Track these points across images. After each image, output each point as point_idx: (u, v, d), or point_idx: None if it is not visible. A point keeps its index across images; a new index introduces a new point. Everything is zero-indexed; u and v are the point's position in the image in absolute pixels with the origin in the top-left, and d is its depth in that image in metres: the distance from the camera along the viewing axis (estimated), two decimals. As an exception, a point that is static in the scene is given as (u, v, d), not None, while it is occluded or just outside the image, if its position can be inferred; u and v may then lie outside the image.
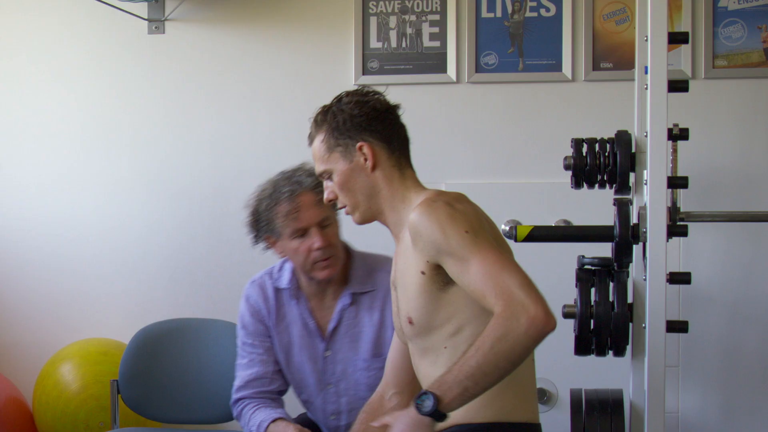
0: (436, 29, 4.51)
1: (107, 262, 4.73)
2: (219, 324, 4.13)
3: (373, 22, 4.55)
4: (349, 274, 3.28)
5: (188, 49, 4.69)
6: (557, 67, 4.44)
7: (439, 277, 2.37)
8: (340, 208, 2.60)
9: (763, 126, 4.37)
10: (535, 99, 4.48)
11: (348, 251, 3.32)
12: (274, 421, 3.17)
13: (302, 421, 3.39)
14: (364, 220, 2.57)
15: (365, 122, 2.52)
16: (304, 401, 3.39)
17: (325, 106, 2.59)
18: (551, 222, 4.16)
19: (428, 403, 2.25)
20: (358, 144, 2.50)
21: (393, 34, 4.54)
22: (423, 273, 2.37)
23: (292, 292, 3.31)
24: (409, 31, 4.53)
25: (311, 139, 2.61)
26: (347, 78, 4.56)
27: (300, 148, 4.57)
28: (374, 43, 4.55)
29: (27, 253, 4.77)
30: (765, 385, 4.37)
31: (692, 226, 3.68)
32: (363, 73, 4.52)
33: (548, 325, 2.20)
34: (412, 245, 2.38)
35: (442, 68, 4.49)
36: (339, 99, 2.58)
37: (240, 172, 4.64)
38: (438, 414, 2.24)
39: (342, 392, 3.29)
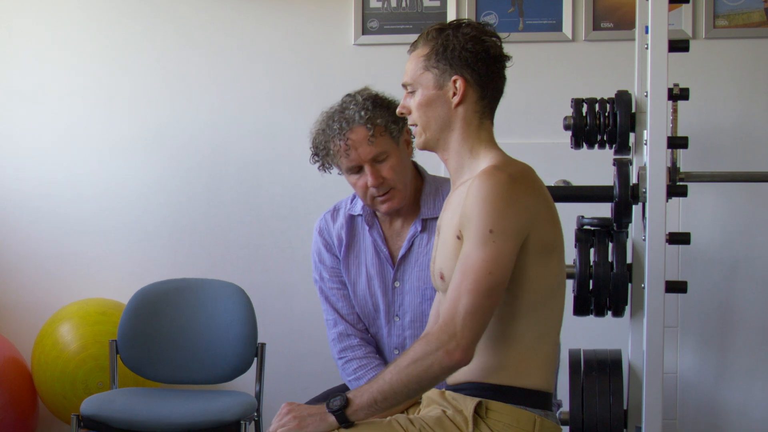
0: (435, -12, 4.49)
1: (106, 222, 4.73)
2: (218, 284, 4.13)
3: (372, -19, 4.53)
4: (420, 200, 3.18)
5: (186, 7, 4.67)
6: (558, 26, 4.42)
7: None
8: (410, 125, 2.56)
9: (764, 86, 4.35)
10: (535, 59, 4.46)
11: (421, 176, 3.22)
12: None
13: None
14: (426, 147, 2.53)
15: (472, 59, 2.45)
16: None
17: (442, 24, 2.50)
18: (551, 182, 4.12)
19: (337, 403, 2.31)
20: (454, 77, 2.45)
21: (392, -6, 4.52)
22: (458, 238, 2.36)
23: (366, 218, 3.21)
24: (408, -10, 4.51)
25: (414, 47, 2.53)
26: (346, 38, 4.54)
27: (298, 107, 4.61)
28: (374, 3, 4.52)
29: (26, 213, 4.77)
30: (763, 346, 4.38)
31: (692, 187, 3.67)
32: (363, 33, 4.49)
33: (461, 363, 2.26)
34: (463, 204, 2.36)
35: (441, 28, 4.46)
36: (459, 24, 2.49)
37: (238, 131, 4.63)
38: (342, 416, 2.30)
39: (407, 325, 3.19)
